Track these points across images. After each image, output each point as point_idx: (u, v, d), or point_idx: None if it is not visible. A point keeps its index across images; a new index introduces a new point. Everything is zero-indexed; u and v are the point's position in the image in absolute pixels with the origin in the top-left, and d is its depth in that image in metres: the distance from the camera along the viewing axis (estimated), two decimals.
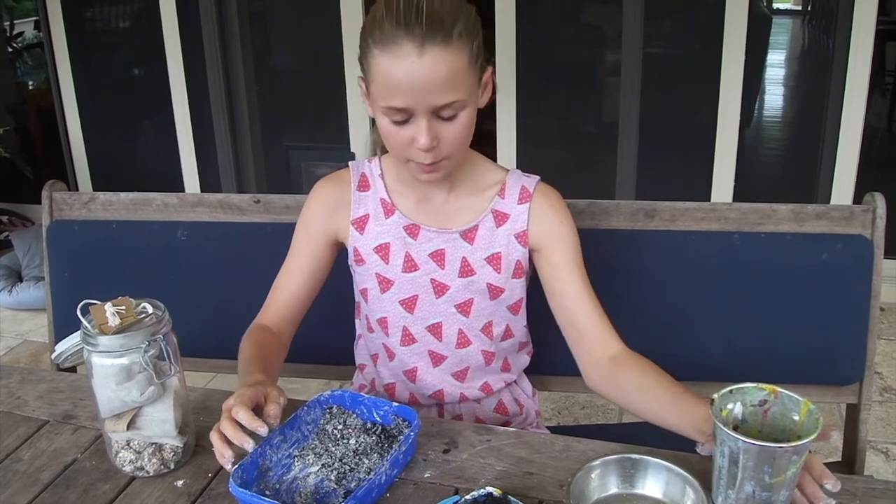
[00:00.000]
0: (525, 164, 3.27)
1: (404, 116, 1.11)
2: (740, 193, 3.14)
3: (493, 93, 1.22)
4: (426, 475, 1.08)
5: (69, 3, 3.71)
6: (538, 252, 1.29)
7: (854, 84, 2.91)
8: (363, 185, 1.31)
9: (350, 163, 1.34)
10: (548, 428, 1.49)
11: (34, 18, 4.44)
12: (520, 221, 1.27)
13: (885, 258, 1.44)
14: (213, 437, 1.01)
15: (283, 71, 3.86)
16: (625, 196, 3.27)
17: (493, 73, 1.20)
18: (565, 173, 3.56)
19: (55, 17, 3.72)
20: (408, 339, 1.33)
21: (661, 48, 3.26)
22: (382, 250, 1.29)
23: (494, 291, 1.29)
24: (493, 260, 1.28)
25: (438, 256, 1.28)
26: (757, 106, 3.43)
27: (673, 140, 3.30)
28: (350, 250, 1.32)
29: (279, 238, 1.38)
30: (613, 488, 1.01)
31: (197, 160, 3.75)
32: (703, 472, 1.03)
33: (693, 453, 1.08)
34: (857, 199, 1.55)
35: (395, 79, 1.08)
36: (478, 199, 1.28)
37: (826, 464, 1.60)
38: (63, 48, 3.77)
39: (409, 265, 1.29)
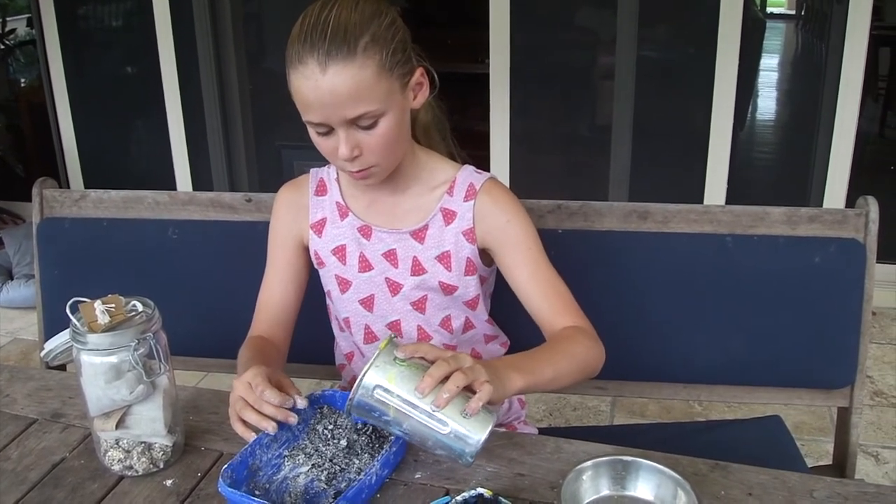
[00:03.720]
0: (518, 166, 3.30)
1: (325, 129, 1.14)
2: (733, 196, 3.15)
3: (433, 89, 1.24)
4: (417, 476, 1.07)
5: (62, 1, 3.69)
6: (491, 251, 1.29)
7: (847, 88, 2.92)
8: (321, 189, 1.34)
9: (311, 169, 1.37)
10: (539, 429, 1.49)
11: (27, 15, 4.42)
12: (465, 219, 1.27)
13: (877, 262, 1.44)
14: (237, 425, 1.07)
15: (276, 70, 3.85)
16: (618, 198, 3.27)
17: (427, 72, 1.22)
18: (559, 175, 3.56)
19: (48, 14, 3.71)
20: (370, 336, 1.36)
21: (655, 52, 3.26)
22: (339, 252, 1.32)
23: (447, 289, 1.30)
24: (444, 258, 1.29)
25: (391, 256, 1.30)
26: (750, 109, 3.44)
27: (666, 143, 3.30)
28: (311, 254, 1.34)
29: None
30: (605, 490, 1.01)
31: (189, 158, 3.74)
32: (694, 475, 1.04)
33: (684, 455, 1.08)
34: (850, 202, 1.55)
35: (305, 96, 1.11)
36: (427, 199, 1.30)
37: (817, 467, 1.61)
38: (55, 46, 3.75)
39: (364, 265, 1.31)
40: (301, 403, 1.08)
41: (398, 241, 1.29)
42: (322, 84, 1.09)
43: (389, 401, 0.97)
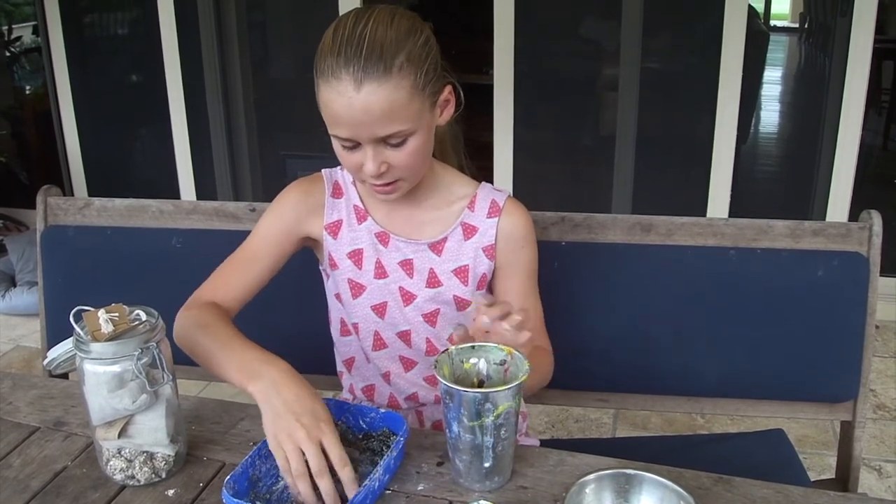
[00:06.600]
0: (521, 176, 3.31)
1: (352, 143, 1.14)
2: (736, 208, 3.15)
3: (458, 107, 1.24)
4: (419, 488, 1.07)
5: (68, 9, 3.71)
6: (496, 268, 1.31)
7: (850, 101, 2.92)
8: (337, 192, 1.33)
9: (323, 170, 1.35)
10: (541, 441, 1.48)
11: (32, 23, 4.44)
12: (488, 235, 1.28)
13: (880, 276, 1.44)
14: (302, 484, 0.99)
15: (280, 80, 3.86)
16: (621, 210, 3.28)
17: (455, 89, 1.21)
18: (562, 186, 3.57)
19: (53, 22, 3.73)
20: (379, 343, 1.35)
21: (659, 63, 3.27)
22: (355, 256, 1.31)
23: (461, 304, 1.30)
24: (461, 272, 1.29)
25: (407, 265, 1.30)
26: (754, 122, 3.44)
27: (670, 155, 3.30)
28: (325, 256, 1.33)
29: None
30: (608, 503, 1.00)
31: (193, 167, 3.75)
32: (698, 489, 1.03)
33: (688, 469, 1.07)
34: (853, 216, 1.55)
35: (335, 111, 1.10)
36: (446, 212, 1.30)
37: (820, 481, 1.61)
38: (61, 53, 3.77)
39: (380, 272, 1.30)
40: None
41: (416, 252, 1.29)
42: (355, 102, 1.08)
43: (482, 418, 0.99)
